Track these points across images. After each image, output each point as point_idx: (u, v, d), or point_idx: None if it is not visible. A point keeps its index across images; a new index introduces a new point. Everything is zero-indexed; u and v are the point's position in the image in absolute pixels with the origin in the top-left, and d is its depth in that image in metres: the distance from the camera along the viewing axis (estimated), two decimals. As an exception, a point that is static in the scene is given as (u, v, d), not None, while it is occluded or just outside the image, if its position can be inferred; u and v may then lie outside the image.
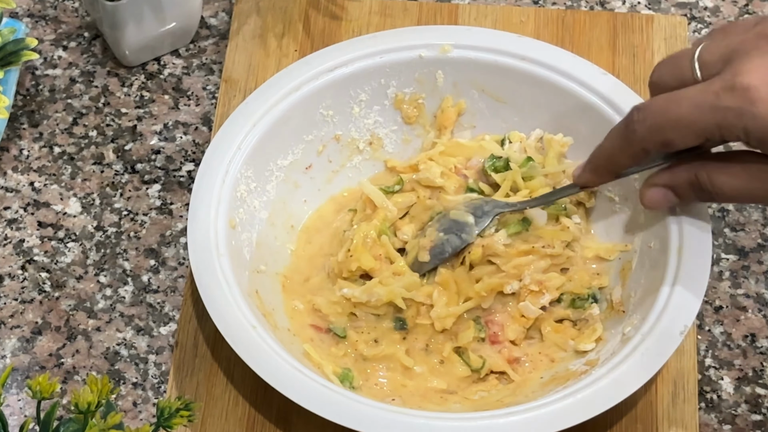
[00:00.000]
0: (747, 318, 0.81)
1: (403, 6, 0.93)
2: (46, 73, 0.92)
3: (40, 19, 0.95)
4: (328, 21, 0.93)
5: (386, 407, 0.70)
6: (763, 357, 0.79)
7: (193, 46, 0.93)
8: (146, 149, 0.89)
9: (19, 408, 0.78)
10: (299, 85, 0.81)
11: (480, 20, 0.92)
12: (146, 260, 0.84)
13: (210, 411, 0.77)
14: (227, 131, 0.80)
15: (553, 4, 0.95)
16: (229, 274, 0.74)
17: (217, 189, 0.77)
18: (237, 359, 0.71)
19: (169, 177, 0.87)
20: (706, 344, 0.80)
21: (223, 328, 0.72)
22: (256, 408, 0.77)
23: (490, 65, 0.82)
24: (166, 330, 0.81)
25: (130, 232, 0.85)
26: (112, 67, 0.92)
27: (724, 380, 0.78)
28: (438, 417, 0.70)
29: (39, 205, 0.86)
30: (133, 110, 0.90)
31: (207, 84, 0.91)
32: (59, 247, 0.84)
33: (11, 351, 0.80)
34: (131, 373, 0.79)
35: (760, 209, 0.85)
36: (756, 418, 0.77)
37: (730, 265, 0.83)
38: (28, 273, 0.83)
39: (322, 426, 0.70)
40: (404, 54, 0.83)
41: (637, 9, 0.94)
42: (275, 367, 0.70)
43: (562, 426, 0.68)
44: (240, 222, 0.78)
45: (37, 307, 0.82)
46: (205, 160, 0.79)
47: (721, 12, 0.94)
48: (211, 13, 0.95)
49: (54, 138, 0.89)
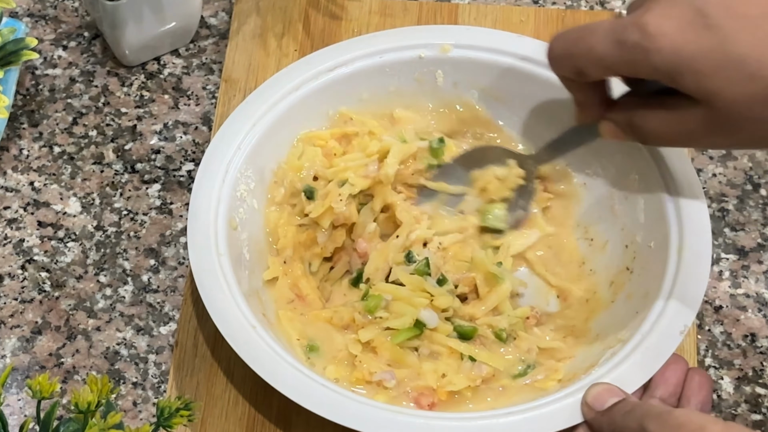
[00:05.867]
0: (747, 318, 0.81)
1: (403, 6, 0.93)
2: (46, 73, 0.92)
3: (40, 18, 0.95)
4: (328, 21, 0.93)
5: (386, 407, 0.70)
6: (763, 357, 0.79)
7: (193, 45, 0.93)
8: (146, 149, 0.89)
9: (19, 408, 0.78)
10: (299, 85, 0.81)
11: (480, 20, 0.92)
12: (146, 260, 0.84)
13: (210, 411, 0.77)
14: (227, 131, 0.80)
15: (553, 4, 0.95)
16: (229, 274, 0.74)
17: (217, 189, 0.77)
18: (237, 359, 0.71)
19: (169, 177, 0.87)
20: (706, 344, 0.80)
21: (223, 328, 0.72)
22: (256, 408, 0.77)
23: (490, 65, 0.82)
24: (166, 330, 0.81)
25: (130, 231, 0.85)
26: (112, 66, 0.92)
27: (724, 380, 0.78)
28: (438, 417, 0.70)
29: (39, 205, 0.86)
30: (133, 110, 0.90)
31: (207, 84, 0.91)
32: (59, 247, 0.84)
33: (11, 351, 0.80)
34: (131, 372, 0.79)
35: (760, 209, 0.85)
36: (756, 417, 0.77)
37: (730, 265, 0.83)
38: (28, 273, 0.83)
39: (322, 426, 0.70)
40: (404, 54, 0.83)
41: (637, 9, 0.94)
42: (275, 367, 0.70)
43: (562, 426, 0.68)
44: (240, 222, 0.78)
45: (37, 307, 0.82)
46: (205, 159, 0.79)
47: (721, 12, 0.94)
48: (211, 13, 0.95)
49: (54, 138, 0.89)
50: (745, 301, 0.81)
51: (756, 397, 0.78)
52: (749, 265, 0.83)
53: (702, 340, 0.80)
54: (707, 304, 0.81)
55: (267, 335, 0.72)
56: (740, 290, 0.82)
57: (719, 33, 0.61)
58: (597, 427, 0.68)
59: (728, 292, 0.82)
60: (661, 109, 0.67)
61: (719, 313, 0.81)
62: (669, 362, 0.70)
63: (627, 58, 0.64)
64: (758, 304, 0.81)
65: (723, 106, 0.62)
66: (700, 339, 0.80)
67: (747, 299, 0.81)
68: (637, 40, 0.63)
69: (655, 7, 0.63)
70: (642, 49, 0.63)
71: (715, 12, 0.61)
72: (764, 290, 0.82)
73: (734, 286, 0.82)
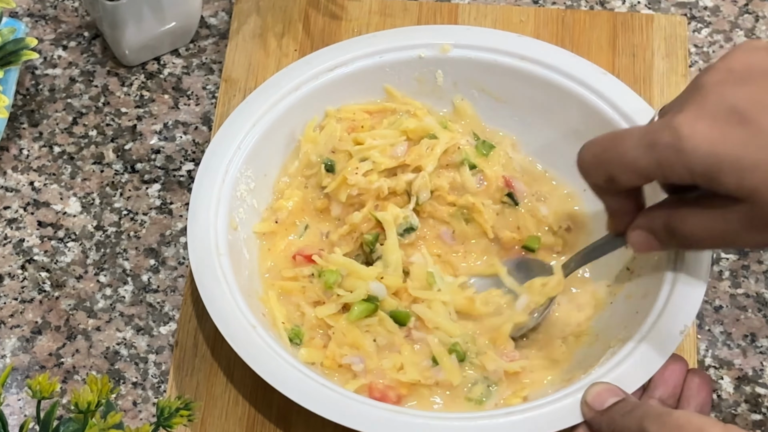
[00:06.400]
0: (747, 318, 0.81)
1: (403, 6, 0.93)
2: (46, 73, 0.92)
3: (40, 18, 0.95)
4: (328, 21, 0.93)
5: (386, 407, 0.70)
6: (763, 357, 0.79)
7: (193, 45, 0.93)
8: (146, 149, 0.89)
9: (19, 408, 0.78)
10: (299, 85, 0.81)
11: (480, 20, 0.92)
12: (146, 260, 0.84)
13: (210, 411, 0.77)
14: (227, 131, 0.80)
15: (553, 4, 0.95)
16: (229, 274, 0.74)
17: (217, 189, 0.77)
18: (237, 359, 0.71)
19: (169, 177, 0.87)
20: (706, 344, 0.80)
21: (223, 328, 0.72)
22: (256, 408, 0.77)
23: (490, 65, 0.82)
24: (166, 330, 0.81)
25: (130, 231, 0.85)
26: (112, 66, 0.92)
27: (724, 380, 0.78)
28: (438, 417, 0.70)
29: (39, 205, 0.86)
30: (133, 110, 0.90)
31: (207, 84, 0.91)
32: (59, 247, 0.84)
33: (11, 350, 0.80)
34: (131, 372, 0.79)
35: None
36: (756, 417, 0.77)
37: (730, 264, 0.83)
38: (28, 273, 0.83)
39: (322, 426, 0.70)
40: (404, 53, 0.83)
41: (637, 9, 0.94)
42: (275, 367, 0.70)
43: (562, 426, 0.68)
44: (240, 222, 0.78)
45: (37, 307, 0.82)
46: (205, 159, 0.79)
47: (721, 12, 0.94)
48: (211, 13, 0.95)
49: (54, 138, 0.89)
50: (745, 301, 0.81)
51: (756, 397, 0.78)
52: (749, 265, 0.83)
53: (702, 340, 0.80)
54: (707, 304, 0.81)
55: (267, 335, 0.72)
56: (740, 290, 0.82)
57: (755, 128, 0.59)
58: (596, 427, 0.68)
59: (728, 292, 0.82)
60: (700, 209, 0.64)
61: (719, 313, 0.81)
62: (669, 362, 0.70)
63: (661, 161, 0.62)
64: (758, 304, 0.81)
65: (766, 202, 0.60)
66: (700, 339, 0.80)
67: (747, 299, 0.81)
68: (671, 142, 0.61)
69: (686, 109, 0.61)
70: (676, 150, 0.61)
71: (748, 108, 0.60)
72: (764, 290, 0.82)
73: (734, 286, 0.82)
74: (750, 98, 0.60)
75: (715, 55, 0.92)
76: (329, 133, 0.81)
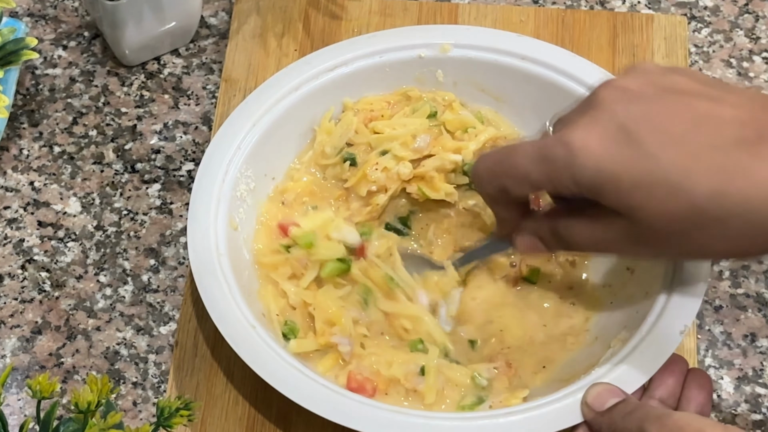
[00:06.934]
0: (747, 318, 0.81)
1: (403, 5, 0.93)
2: (46, 73, 0.92)
3: (40, 18, 0.95)
4: (327, 21, 0.93)
5: (386, 407, 0.70)
6: (763, 357, 0.79)
7: (193, 45, 0.93)
8: (146, 149, 0.89)
9: (19, 408, 0.78)
10: (299, 85, 0.81)
11: (480, 20, 0.92)
12: (146, 260, 0.84)
13: (210, 411, 0.77)
14: (227, 131, 0.80)
15: (552, 4, 0.95)
16: (229, 274, 0.74)
17: (217, 189, 0.77)
18: (237, 359, 0.71)
19: (169, 177, 0.87)
20: (706, 344, 0.80)
21: (223, 328, 0.72)
22: (256, 408, 0.77)
23: (490, 65, 0.82)
24: (166, 330, 0.81)
25: (130, 231, 0.85)
26: (112, 66, 0.92)
27: (724, 380, 0.78)
28: (438, 417, 0.70)
29: (39, 205, 0.86)
30: (133, 110, 0.90)
31: (207, 83, 0.91)
32: (59, 247, 0.84)
33: (11, 350, 0.80)
34: (131, 372, 0.79)
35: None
36: (756, 417, 0.77)
37: (730, 264, 0.83)
38: (28, 273, 0.83)
39: (322, 426, 0.70)
40: (404, 53, 0.83)
41: (637, 8, 0.94)
42: (275, 367, 0.70)
43: (562, 426, 0.68)
44: (240, 222, 0.78)
45: (37, 307, 0.82)
46: (205, 159, 0.79)
47: (721, 11, 0.94)
48: (211, 13, 0.95)
49: (54, 137, 0.89)
50: (745, 301, 0.81)
51: (756, 397, 0.78)
52: (749, 264, 0.83)
53: (702, 340, 0.80)
54: (707, 304, 0.81)
55: (267, 335, 0.72)
56: (740, 290, 0.82)
57: (641, 149, 0.60)
58: (597, 428, 0.68)
59: (728, 292, 0.82)
60: (585, 219, 0.66)
61: (719, 312, 0.81)
62: (669, 362, 0.70)
63: (551, 174, 0.63)
64: (758, 304, 0.81)
65: (645, 220, 0.61)
66: (700, 339, 0.80)
67: (747, 299, 0.81)
68: (562, 156, 0.62)
69: (579, 124, 0.63)
70: (566, 165, 0.62)
71: (637, 128, 0.61)
72: (764, 290, 0.82)
73: (734, 286, 0.82)
74: (639, 118, 0.61)
75: (715, 55, 0.92)
76: (346, 125, 0.81)
